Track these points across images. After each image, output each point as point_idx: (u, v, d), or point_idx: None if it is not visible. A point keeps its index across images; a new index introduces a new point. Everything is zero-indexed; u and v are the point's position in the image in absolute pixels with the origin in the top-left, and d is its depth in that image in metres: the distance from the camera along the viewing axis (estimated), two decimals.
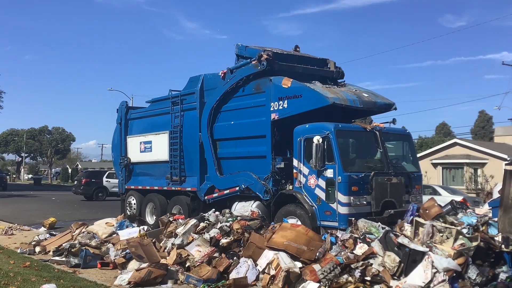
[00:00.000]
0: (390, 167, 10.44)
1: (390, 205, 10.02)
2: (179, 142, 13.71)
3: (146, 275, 7.45)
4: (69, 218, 17.04)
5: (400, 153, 11.67)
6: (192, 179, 13.36)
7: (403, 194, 10.41)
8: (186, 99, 13.67)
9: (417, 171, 11.33)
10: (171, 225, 9.97)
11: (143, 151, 15.30)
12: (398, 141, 11.58)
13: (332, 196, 9.72)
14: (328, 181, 9.79)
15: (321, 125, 10.23)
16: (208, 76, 13.21)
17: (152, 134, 14.94)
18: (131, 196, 15.80)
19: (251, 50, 11.97)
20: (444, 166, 32.92)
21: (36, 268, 8.55)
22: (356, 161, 10.63)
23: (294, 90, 10.83)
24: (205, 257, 8.25)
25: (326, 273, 7.03)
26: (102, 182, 31.01)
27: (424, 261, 6.71)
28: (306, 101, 10.59)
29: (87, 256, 9.17)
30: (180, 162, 13.72)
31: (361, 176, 9.80)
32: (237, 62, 12.35)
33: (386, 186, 10.04)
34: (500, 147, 32.58)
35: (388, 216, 9.67)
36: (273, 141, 11.14)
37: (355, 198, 9.61)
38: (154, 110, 15.16)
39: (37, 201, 28.36)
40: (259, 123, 11.46)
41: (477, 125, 61.28)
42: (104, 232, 10.54)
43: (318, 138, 9.74)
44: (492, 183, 26.88)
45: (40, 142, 79.29)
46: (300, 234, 8.04)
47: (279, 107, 11.03)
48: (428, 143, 50.16)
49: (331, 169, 9.76)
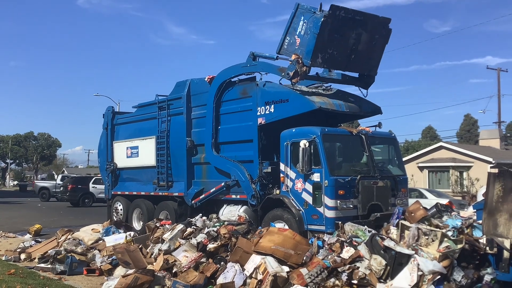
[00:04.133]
0: (376, 171, 10.51)
1: (376, 208, 10.07)
2: (166, 147, 13.70)
3: (133, 282, 7.40)
4: (55, 225, 16.89)
5: (386, 157, 11.73)
6: (179, 184, 13.35)
7: (389, 197, 10.49)
8: (173, 104, 13.68)
9: (403, 174, 11.41)
10: (158, 231, 9.92)
11: (129, 157, 15.25)
12: (384, 145, 11.65)
13: (319, 200, 9.76)
14: (315, 185, 9.84)
15: (307, 129, 10.27)
16: (195, 81, 13.23)
17: (139, 139, 14.90)
18: (118, 202, 15.71)
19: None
20: (430, 169, 33.18)
21: (21, 275, 8.46)
22: (342, 165, 10.68)
23: (281, 94, 10.88)
24: (192, 262, 8.23)
25: (313, 277, 7.06)
26: (88, 188, 30.81)
27: (410, 263, 6.76)
28: (292, 105, 10.63)
29: (73, 263, 9.11)
30: (167, 167, 13.70)
31: (347, 179, 9.86)
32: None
33: (372, 189, 10.11)
34: (485, 150, 32.93)
35: (375, 219, 9.71)
36: (260, 146, 11.17)
37: (341, 202, 9.67)
38: (141, 115, 15.13)
39: (23, 208, 28.05)
40: (246, 128, 11.48)
41: (462, 129, 61.84)
42: (90, 239, 10.47)
43: (305, 142, 9.78)
44: (477, 186, 27.14)
45: (26, 148, 78.61)
46: (287, 238, 8.05)
47: (265, 111, 11.08)
48: (415, 146, 50.64)
49: (318, 173, 9.81)
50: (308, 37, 10.09)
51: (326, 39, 10.06)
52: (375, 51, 11.09)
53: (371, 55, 11.09)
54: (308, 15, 10.14)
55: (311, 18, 10.07)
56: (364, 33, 10.54)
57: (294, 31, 10.40)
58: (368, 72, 11.32)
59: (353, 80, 11.58)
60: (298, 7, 10.36)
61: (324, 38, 10.03)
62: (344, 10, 10.06)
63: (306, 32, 10.16)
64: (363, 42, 10.63)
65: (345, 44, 10.47)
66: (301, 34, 10.27)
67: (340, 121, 12.34)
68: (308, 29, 10.10)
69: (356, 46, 10.60)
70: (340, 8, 10.00)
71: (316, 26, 9.88)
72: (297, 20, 10.34)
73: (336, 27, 10.09)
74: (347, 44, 10.50)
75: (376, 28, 10.73)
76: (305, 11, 10.22)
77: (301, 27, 10.25)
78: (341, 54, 10.51)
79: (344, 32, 10.30)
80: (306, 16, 10.17)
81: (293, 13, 10.41)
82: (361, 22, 10.38)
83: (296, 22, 10.35)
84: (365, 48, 10.78)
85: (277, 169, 10.78)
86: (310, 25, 10.07)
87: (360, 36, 10.52)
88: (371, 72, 11.34)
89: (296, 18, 10.37)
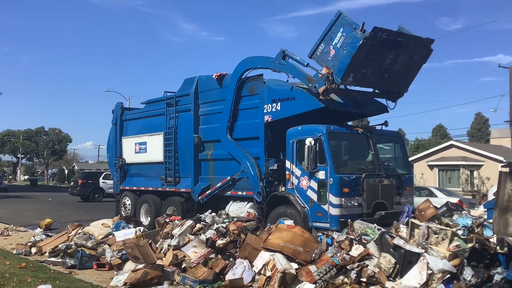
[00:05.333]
0: (381, 169, 10.51)
1: (381, 207, 10.09)
2: (173, 143, 13.78)
3: (142, 276, 7.45)
4: (65, 219, 17.02)
5: (392, 155, 11.70)
6: (186, 180, 13.43)
7: (394, 195, 10.48)
8: (181, 101, 13.73)
9: (408, 173, 11.43)
10: (168, 226, 9.97)
11: (138, 152, 15.36)
12: (390, 143, 11.63)
13: (324, 197, 9.78)
14: (320, 183, 9.87)
15: (313, 127, 10.27)
16: (203, 78, 13.25)
17: (147, 135, 14.99)
18: (126, 197, 15.84)
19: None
20: (440, 168, 33.00)
21: (32, 269, 8.55)
22: (347, 163, 10.68)
23: (287, 92, 10.88)
24: (201, 258, 8.26)
25: (322, 274, 7.04)
26: (98, 183, 31.03)
27: (420, 262, 6.73)
28: (299, 103, 10.63)
29: (83, 257, 9.17)
30: (174, 163, 13.78)
31: (352, 178, 9.86)
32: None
33: (377, 187, 10.11)
34: (496, 149, 32.68)
35: (379, 217, 9.74)
36: (266, 143, 11.22)
37: (346, 200, 9.69)
38: (149, 111, 15.21)
39: (34, 202, 28.33)
40: (253, 125, 11.53)
41: (473, 127, 61.39)
42: (100, 233, 10.55)
43: (310, 140, 9.82)
44: (488, 185, 26.95)
45: (37, 143, 79.11)
46: (296, 235, 8.05)
47: (272, 109, 11.10)
48: (425, 145, 50.30)
49: (323, 171, 9.84)
50: (343, 53, 9.62)
51: (361, 59, 9.59)
52: (410, 70, 10.73)
53: (405, 74, 10.74)
54: (348, 29, 9.60)
55: (350, 33, 9.52)
56: (403, 54, 10.07)
57: (330, 40, 9.90)
58: (399, 89, 11.00)
59: (382, 94, 11.23)
60: (339, 17, 9.80)
61: (360, 59, 9.55)
62: (386, 32, 9.52)
63: (342, 46, 9.66)
64: (400, 62, 10.18)
65: (380, 64, 10.04)
66: (336, 46, 9.79)
67: (347, 119, 12.28)
68: (345, 44, 9.59)
69: (392, 66, 10.19)
70: (383, 30, 9.46)
71: (354, 45, 9.37)
72: (335, 29, 9.82)
73: (375, 48, 9.59)
74: (382, 64, 10.07)
75: (417, 48, 10.26)
76: (346, 24, 9.66)
77: (338, 39, 9.76)
78: (374, 73, 10.13)
79: (382, 52, 9.82)
80: (345, 30, 9.64)
81: (333, 21, 9.87)
82: (402, 43, 9.88)
83: (334, 32, 9.83)
84: (401, 68, 10.38)
85: (283, 167, 10.81)
86: (347, 41, 9.55)
87: (398, 57, 10.06)
88: (402, 89, 11.02)
89: (335, 27, 9.84)
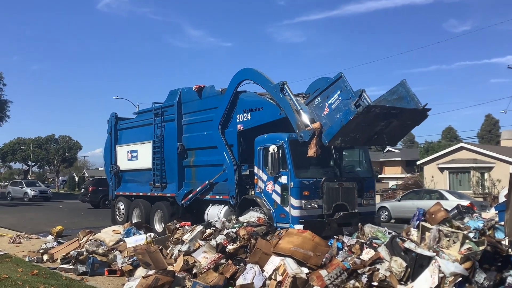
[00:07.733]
0: (342, 173, 11.19)
1: (342, 208, 10.86)
2: (160, 151, 14.76)
3: (153, 282, 7.46)
4: (76, 226, 17.10)
5: (356, 159, 12.35)
6: (172, 186, 14.37)
7: (355, 198, 11.11)
8: (166, 111, 14.68)
9: (369, 176, 12.00)
10: (178, 232, 10.00)
11: (130, 160, 16.41)
12: (353, 148, 12.06)
13: (286, 200, 10.58)
14: (283, 187, 10.68)
15: (276, 135, 11.04)
16: (185, 90, 14.20)
17: (138, 144, 15.95)
18: (120, 202, 16.88)
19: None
20: (450, 171, 32.78)
21: (44, 276, 8.60)
22: (309, 168, 11.11)
23: (256, 103, 11.79)
24: (212, 263, 8.26)
25: (333, 279, 7.03)
26: (108, 190, 31.09)
27: (431, 265, 6.70)
28: (265, 113, 11.51)
29: (95, 263, 9.22)
30: (161, 169, 14.75)
31: (312, 181, 10.57)
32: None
33: (337, 190, 10.81)
34: (507, 151, 32.40)
35: (338, 218, 10.61)
36: (239, 150, 12.13)
37: (306, 202, 10.44)
38: (140, 121, 16.24)
39: (44, 210, 28.48)
40: (228, 134, 12.40)
41: (483, 129, 61.07)
42: (111, 240, 10.59)
43: (274, 147, 10.66)
44: (499, 187, 26.73)
45: (47, 151, 79.51)
46: (307, 239, 8.04)
47: (244, 119, 12.01)
48: (435, 147, 50.03)
49: (285, 176, 10.64)
50: (336, 117, 9.83)
51: (352, 128, 9.79)
52: (401, 132, 11.05)
53: (396, 134, 10.99)
54: (345, 95, 9.76)
55: (345, 101, 9.68)
56: (395, 121, 10.19)
57: (326, 98, 10.15)
58: (387, 144, 11.59)
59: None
60: (339, 78, 9.93)
61: (350, 128, 9.75)
62: (380, 108, 9.64)
63: (336, 109, 9.89)
64: (392, 127, 10.32)
65: (371, 130, 10.27)
66: (331, 106, 10.02)
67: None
68: (339, 109, 9.79)
69: (383, 130, 10.33)
70: (377, 106, 9.60)
71: (345, 117, 9.54)
72: (334, 89, 10.02)
73: (367, 120, 9.72)
74: (373, 130, 10.28)
75: (412, 116, 10.39)
76: (343, 89, 9.80)
77: (334, 100, 9.97)
78: (364, 136, 10.40)
79: (374, 122, 9.97)
80: (342, 95, 9.79)
81: (333, 81, 10.09)
82: (395, 114, 9.98)
83: (332, 91, 10.05)
84: (392, 131, 10.56)
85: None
86: (341, 107, 9.74)
87: (390, 124, 10.19)
88: (390, 144, 11.65)
89: (333, 87, 10.04)
